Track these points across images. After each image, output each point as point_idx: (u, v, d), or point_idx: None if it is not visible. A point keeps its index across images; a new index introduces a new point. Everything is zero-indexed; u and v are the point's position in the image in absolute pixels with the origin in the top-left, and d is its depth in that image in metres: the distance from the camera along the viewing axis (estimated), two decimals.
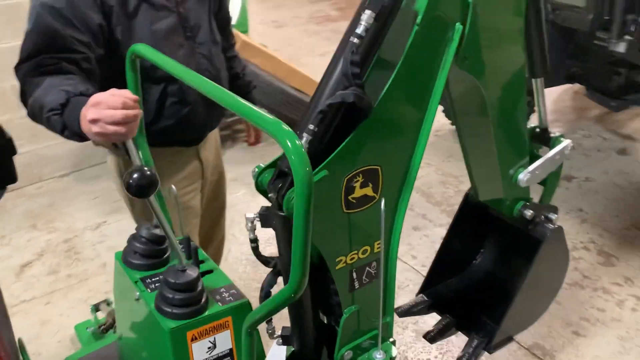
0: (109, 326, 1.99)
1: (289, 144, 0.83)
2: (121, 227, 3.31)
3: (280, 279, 1.38)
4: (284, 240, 1.24)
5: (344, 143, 1.14)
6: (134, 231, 2.83)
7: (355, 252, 1.30)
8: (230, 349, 1.12)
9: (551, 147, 1.68)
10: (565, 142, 1.67)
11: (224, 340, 1.11)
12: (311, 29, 6.89)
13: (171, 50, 1.56)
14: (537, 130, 1.70)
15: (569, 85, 4.49)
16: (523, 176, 1.61)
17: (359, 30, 1.08)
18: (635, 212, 3.29)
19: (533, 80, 1.59)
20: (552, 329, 2.47)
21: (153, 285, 1.13)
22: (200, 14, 1.68)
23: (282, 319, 1.67)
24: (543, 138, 1.70)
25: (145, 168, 0.97)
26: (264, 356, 1.25)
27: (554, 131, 1.71)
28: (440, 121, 4.36)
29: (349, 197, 1.22)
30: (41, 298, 2.78)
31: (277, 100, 3.98)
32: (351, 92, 1.10)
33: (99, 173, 3.89)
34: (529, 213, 1.67)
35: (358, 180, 1.21)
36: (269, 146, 4.25)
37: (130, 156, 1.17)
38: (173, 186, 1.18)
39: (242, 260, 3.05)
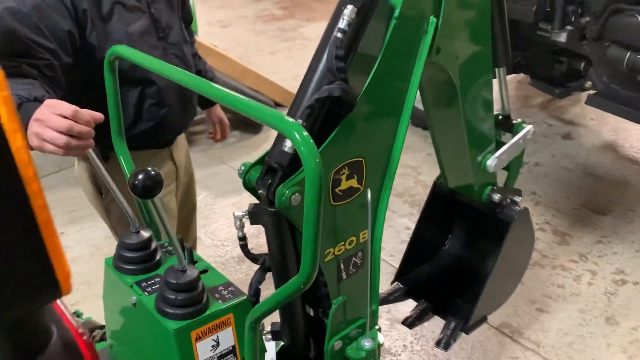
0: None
1: (297, 136, 0.84)
2: (81, 237, 3.21)
3: (268, 275, 1.39)
4: (275, 236, 1.25)
5: (330, 137, 1.16)
6: (96, 241, 2.77)
7: (343, 243, 1.32)
8: (233, 346, 1.13)
9: (514, 133, 1.76)
10: (527, 128, 1.75)
11: (227, 338, 1.11)
12: (258, 28, 6.87)
13: (145, 52, 1.55)
14: (500, 117, 1.78)
15: (512, 75, 4.67)
16: (491, 162, 1.69)
17: (342, 24, 1.11)
18: (584, 192, 3.47)
19: (496, 69, 1.67)
20: (517, 308, 2.58)
21: (150, 289, 1.12)
22: (170, 14, 1.66)
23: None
24: (506, 125, 1.78)
25: (150, 168, 0.96)
26: (265, 349, 1.26)
27: (516, 118, 1.80)
28: None
29: (336, 190, 1.24)
30: None
31: None
32: (337, 87, 1.12)
33: (51, 184, 3.76)
34: (497, 197, 1.75)
35: (344, 173, 1.24)
36: (226, 147, 4.23)
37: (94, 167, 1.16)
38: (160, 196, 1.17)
39: (210, 263, 3.02)
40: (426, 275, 2.00)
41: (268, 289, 2.25)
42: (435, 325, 2.26)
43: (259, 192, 1.20)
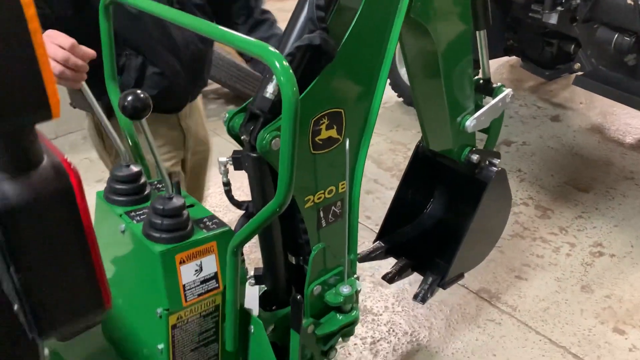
0: None
1: (277, 65, 0.91)
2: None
3: None
4: (257, 181, 1.31)
5: (310, 86, 1.21)
6: None
7: (322, 191, 1.38)
8: (215, 272, 1.20)
9: (494, 96, 1.83)
10: (507, 91, 1.82)
11: (210, 264, 1.19)
12: None
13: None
14: (481, 81, 1.84)
15: (505, 59, 4.74)
16: (469, 122, 1.75)
17: None
18: (568, 171, 3.56)
19: (477, 32, 1.72)
20: (496, 275, 2.67)
21: (138, 218, 1.20)
22: None
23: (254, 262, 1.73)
24: (486, 88, 1.84)
25: (138, 91, 1.03)
26: (245, 278, 1.34)
27: (496, 82, 1.87)
28: (387, 94, 4.53)
29: (316, 139, 1.29)
30: None
31: (230, 75, 4.00)
32: (317, 35, 1.18)
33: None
34: (475, 157, 1.81)
35: (324, 123, 1.29)
36: (219, 120, 4.29)
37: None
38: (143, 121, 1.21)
39: None
40: (407, 235, 2.07)
41: (254, 253, 2.32)
42: (416, 289, 2.35)
43: (242, 138, 1.25)
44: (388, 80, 2.20)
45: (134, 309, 1.30)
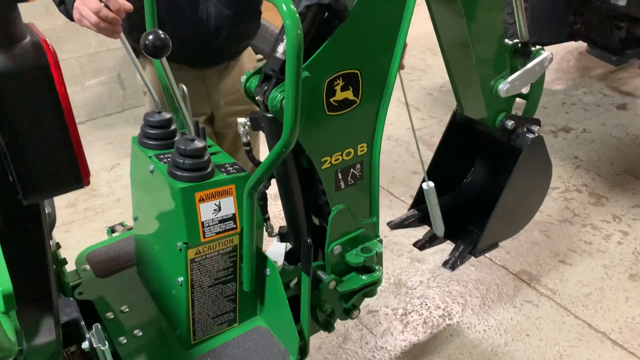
0: None
1: (284, 7, 0.95)
2: None
3: (273, 181, 1.49)
4: (274, 139, 1.30)
5: (322, 46, 1.20)
6: None
7: (339, 153, 1.38)
8: (234, 214, 1.27)
9: (531, 59, 1.77)
10: (545, 54, 1.75)
11: (228, 205, 1.25)
12: None
13: None
14: (519, 45, 1.79)
15: (573, 45, 4.54)
16: (502, 86, 1.70)
17: None
18: (630, 160, 3.39)
19: None
20: (539, 258, 2.60)
21: (165, 160, 1.28)
22: None
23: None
24: (525, 52, 1.78)
25: (160, 31, 1.10)
26: (262, 223, 1.39)
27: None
28: (444, 78, 4.46)
29: (331, 100, 1.29)
30: (60, 227, 2.96)
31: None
32: None
33: (113, 122, 4.05)
34: (510, 123, 1.76)
35: (338, 84, 1.28)
36: None
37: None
38: (183, 86, 1.29)
39: None
40: (442, 205, 2.05)
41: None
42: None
43: (257, 98, 1.27)
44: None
45: (160, 245, 1.38)
